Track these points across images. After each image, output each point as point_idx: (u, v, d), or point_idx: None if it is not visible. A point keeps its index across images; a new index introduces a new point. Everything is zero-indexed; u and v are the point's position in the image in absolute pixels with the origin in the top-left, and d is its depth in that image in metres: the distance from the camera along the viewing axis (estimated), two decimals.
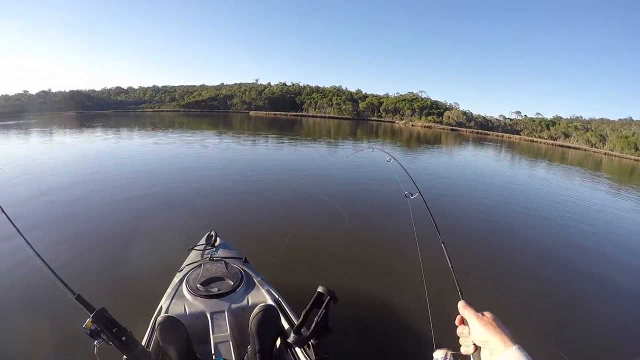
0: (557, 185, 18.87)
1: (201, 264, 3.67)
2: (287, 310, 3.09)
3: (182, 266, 3.86)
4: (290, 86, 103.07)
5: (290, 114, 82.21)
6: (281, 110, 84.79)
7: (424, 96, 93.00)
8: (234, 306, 3.10)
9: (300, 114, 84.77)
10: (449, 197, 12.34)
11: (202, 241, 4.42)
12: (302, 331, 2.36)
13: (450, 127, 74.17)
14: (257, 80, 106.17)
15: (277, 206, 9.53)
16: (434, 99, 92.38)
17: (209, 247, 4.25)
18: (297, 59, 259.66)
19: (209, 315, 2.97)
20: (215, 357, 2.63)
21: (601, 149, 60.98)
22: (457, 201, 12.05)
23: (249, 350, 2.61)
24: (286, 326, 2.91)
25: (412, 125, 75.48)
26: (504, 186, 16.48)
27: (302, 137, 33.51)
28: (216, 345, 2.72)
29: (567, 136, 71.66)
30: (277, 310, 2.84)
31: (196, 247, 4.28)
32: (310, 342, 2.35)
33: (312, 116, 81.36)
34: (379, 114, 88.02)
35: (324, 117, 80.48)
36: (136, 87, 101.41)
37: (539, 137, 73.01)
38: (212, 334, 2.81)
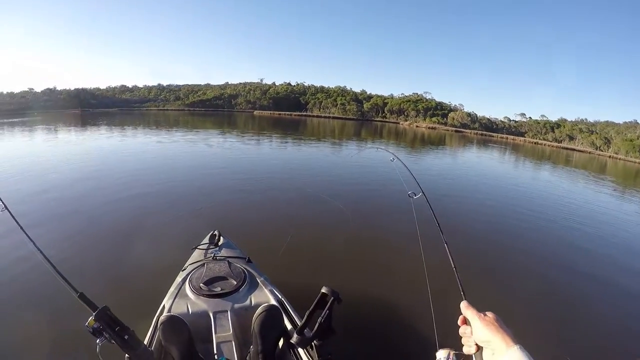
0: (561, 187, 18.80)
1: (204, 263, 3.66)
2: (290, 310, 3.07)
3: (186, 265, 3.86)
4: (294, 86, 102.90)
5: (294, 113, 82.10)
6: (285, 110, 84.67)
7: (428, 97, 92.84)
8: (237, 306, 3.09)
9: (304, 114, 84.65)
10: (453, 198, 12.31)
11: (206, 240, 4.42)
12: (305, 332, 2.34)
13: (454, 129, 73.88)
14: (261, 79, 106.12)
15: (281, 205, 9.51)
16: (438, 100, 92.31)
17: (212, 247, 4.24)
18: (302, 59, 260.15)
19: (211, 314, 2.96)
20: (217, 356, 2.62)
21: (606, 152, 60.62)
22: (461, 202, 12.02)
23: (252, 350, 2.59)
24: (289, 327, 2.89)
25: (417, 126, 75.28)
26: (508, 188, 16.44)
27: (306, 137, 33.53)
28: (219, 345, 2.71)
29: (571, 139, 71.28)
30: (280, 310, 2.83)
31: (199, 246, 4.27)
32: (313, 343, 2.34)
33: (317, 116, 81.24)
34: (384, 114, 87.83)
35: (329, 117, 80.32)
36: (141, 85, 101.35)
37: (544, 139, 72.66)
38: (215, 333, 2.80)
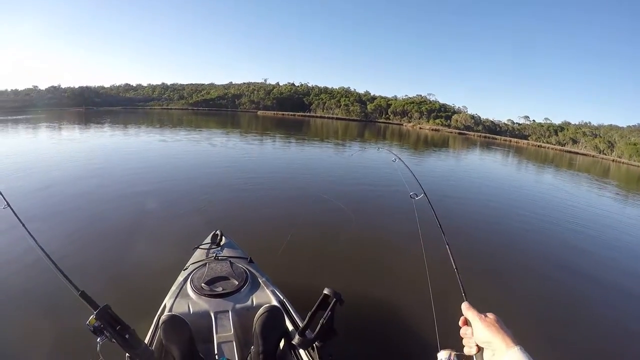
0: (563, 190, 18.71)
1: (206, 263, 3.66)
2: (292, 311, 3.06)
3: (187, 264, 3.85)
4: (298, 86, 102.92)
5: (298, 114, 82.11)
6: (289, 110, 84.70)
7: (432, 99, 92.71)
8: (239, 306, 3.08)
9: (308, 114, 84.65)
10: (455, 199, 12.28)
11: (208, 240, 4.41)
12: (307, 333, 2.34)
13: (458, 131, 73.70)
14: (265, 80, 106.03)
15: (283, 205, 9.51)
16: (442, 102, 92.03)
17: (214, 246, 4.23)
18: (305, 60, 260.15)
19: (212, 314, 2.95)
20: (218, 357, 2.61)
21: (609, 156, 60.38)
22: (463, 203, 12.00)
23: (252, 351, 2.58)
24: (290, 327, 2.88)
25: (420, 128, 75.20)
26: (510, 190, 16.40)
27: (309, 137, 33.55)
28: (219, 345, 2.70)
29: (575, 142, 71.05)
30: (282, 311, 2.82)
31: (201, 246, 4.27)
32: (314, 344, 2.33)
33: (320, 117, 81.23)
34: (387, 116, 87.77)
35: (332, 118, 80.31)
36: (145, 84, 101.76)
37: (547, 142, 72.45)
38: (216, 333, 2.79)
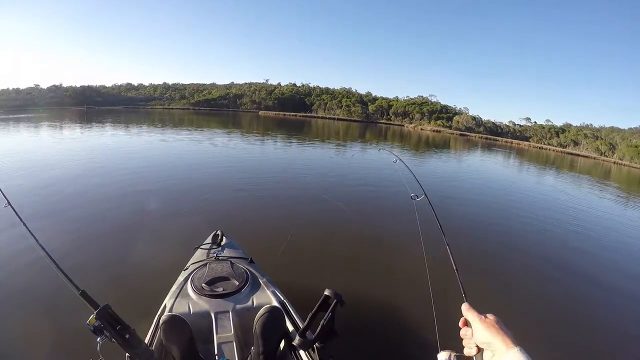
0: (564, 192, 18.70)
1: (207, 263, 3.65)
2: (292, 312, 3.06)
3: (188, 264, 3.85)
4: (300, 87, 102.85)
5: (299, 114, 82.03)
6: (290, 110, 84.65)
7: (433, 100, 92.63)
8: (239, 307, 3.07)
9: (309, 114, 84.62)
10: (456, 200, 12.29)
11: (208, 240, 4.41)
12: (307, 334, 2.33)
13: (459, 132, 73.66)
14: (267, 80, 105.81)
15: (284, 206, 9.50)
16: (443, 103, 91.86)
17: (214, 247, 4.23)
18: (306, 60, 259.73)
19: (213, 315, 2.95)
20: (218, 357, 2.61)
21: (611, 158, 60.30)
22: (464, 204, 12.00)
23: (253, 351, 2.58)
24: (291, 328, 2.88)
25: (421, 129, 75.16)
26: (511, 191, 16.36)
27: (310, 138, 33.53)
28: (219, 345, 2.70)
29: (576, 144, 70.93)
30: (282, 312, 2.82)
31: (202, 246, 4.27)
32: (315, 345, 2.33)
33: (322, 117, 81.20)
34: (389, 117, 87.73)
35: (333, 118, 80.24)
36: (147, 84, 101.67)
37: (548, 144, 72.36)
38: (216, 334, 2.79)
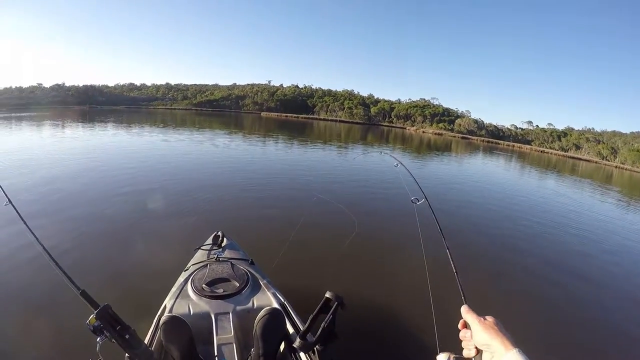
0: (565, 196, 18.70)
1: (207, 264, 3.65)
2: (293, 314, 3.06)
3: (188, 265, 3.85)
4: (302, 88, 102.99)
5: (301, 116, 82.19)
6: (293, 112, 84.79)
7: (436, 103, 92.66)
8: (239, 308, 3.07)
9: (311, 116, 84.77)
10: (456, 203, 12.26)
11: (209, 241, 4.40)
12: (308, 337, 2.32)
13: (461, 135, 73.71)
14: (269, 81, 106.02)
15: (285, 207, 9.48)
16: (445, 106, 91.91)
17: (215, 247, 4.23)
18: (310, 62, 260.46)
19: (213, 316, 2.94)
20: (218, 358, 2.60)
21: (612, 162, 60.30)
22: (464, 207, 12.00)
23: (253, 353, 2.57)
24: (291, 330, 2.87)
25: (423, 131, 75.22)
26: (512, 195, 16.37)
27: (312, 139, 33.55)
28: (219, 346, 2.69)
29: (578, 148, 70.98)
30: (283, 314, 2.81)
31: (202, 247, 4.26)
32: (315, 348, 2.32)
33: (324, 119, 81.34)
34: (390, 119, 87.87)
35: (335, 120, 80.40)
36: (149, 84, 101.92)
37: (550, 148, 72.40)
38: (216, 335, 2.78)
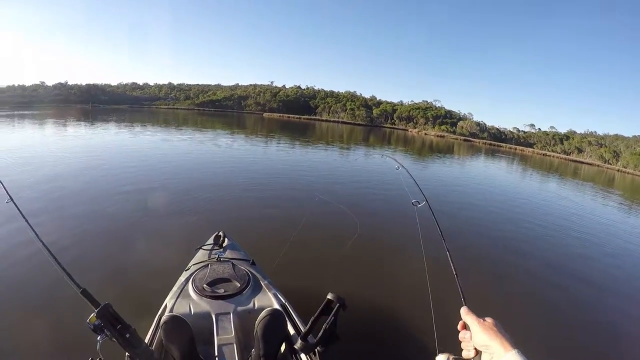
0: (567, 199, 18.68)
1: (208, 264, 3.65)
2: (293, 315, 3.05)
3: (189, 265, 3.85)
4: (305, 89, 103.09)
5: (303, 117, 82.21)
6: (295, 113, 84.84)
7: (438, 105, 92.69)
8: (240, 308, 3.07)
9: (313, 117, 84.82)
10: (457, 206, 12.27)
11: (210, 241, 4.40)
12: (309, 338, 2.32)
13: (463, 138, 73.57)
14: (272, 82, 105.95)
15: (286, 208, 9.50)
16: (448, 108, 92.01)
17: (216, 248, 4.23)
18: (312, 63, 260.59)
19: (214, 316, 2.94)
20: (218, 358, 2.60)
21: (614, 166, 60.20)
22: (465, 209, 12.00)
23: (253, 354, 2.57)
24: (292, 332, 2.87)
25: (425, 134, 75.19)
26: (514, 197, 16.33)
27: (314, 140, 33.56)
28: (220, 347, 2.69)
29: (580, 151, 70.89)
30: (284, 315, 2.81)
31: (204, 247, 4.26)
32: (316, 349, 2.32)
33: (326, 120, 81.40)
34: (393, 121, 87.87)
35: (337, 122, 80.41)
36: (152, 83, 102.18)
37: (552, 151, 72.31)
38: (217, 335, 2.78)
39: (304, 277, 5.66)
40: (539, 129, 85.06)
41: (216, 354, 2.63)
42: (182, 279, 3.50)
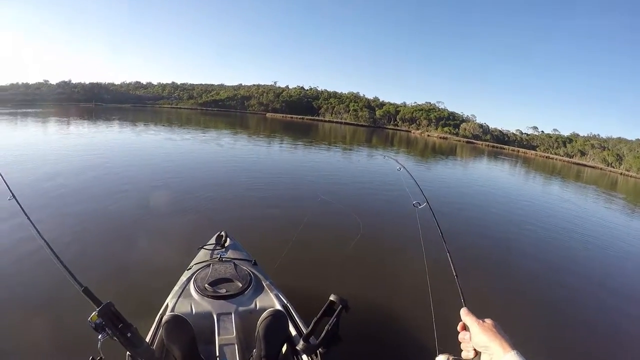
0: (570, 201, 18.65)
1: (210, 264, 3.64)
2: (295, 316, 3.04)
3: (191, 264, 3.84)
4: (308, 90, 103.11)
5: (306, 117, 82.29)
6: (298, 113, 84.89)
7: (441, 107, 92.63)
8: (241, 309, 3.06)
9: (316, 118, 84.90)
10: (458, 207, 12.25)
11: (212, 241, 4.40)
12: (311, 339, 2.32)
13: (466, 139, 73.56)
14: (275, 82, 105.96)
15: (288, 208, 9.49)
16: (451, 110, 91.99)
17: (218, 247, 4.22)
18: (316, 64, 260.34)
19: (215, 316, 2.93)
20: (219, 359, 2.59)
21: (617, 169, 60.11)
22: (467, 211, 12.00)
23: (254, 354, 2.55)
24: (293, 333, 2.86)
25: (428, 135, 75.17)
26: (516, 199, 16.32)
27: (317, 141, 33.56)
28: (221, 347, 2.68)
29: (583, 154, 70.79)
30: (286, 316, 2.80)
31: (206, 247, 4.25)
32: (318, 351, 2.31)
33: (329, 121, 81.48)
34: (396, 122, 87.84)
35: (340, 122, 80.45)
36: (155, 83, 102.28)
37: (555, 153, 72.26)
38: (218, 335, 2.77)
39: (306, 277, 5.64)
40: (542, 131, 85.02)
41: (217, 354, 2.62)
42: (183, 278, 3.50)
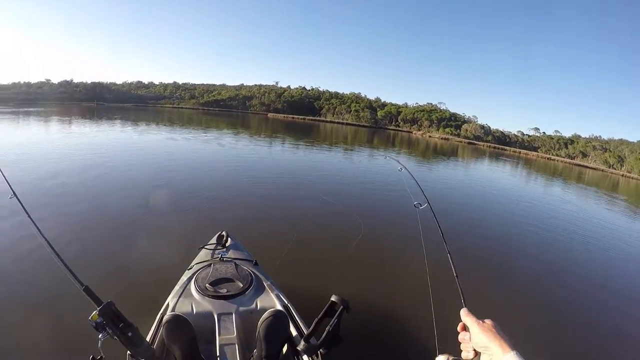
0: (571, 203, 18.64)
1: (211, 264, 3.64)
2: (296, 316, 3.03)
3: (192, 264, 3.84)
4: (309, 90, 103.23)
5: (308, 118, 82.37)
6: (299, 113, 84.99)
7: (442, 108, 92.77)
8: (242, 309, 3.06)
9: (318, 118, 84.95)
10: (459, 208, 12.23)
11: (213, 240, 4.40)
12: (312, 340, 2.31)
13: (467, 141, 73.57)
14: (277, 82, 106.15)
15: (289, 208, 9.50)
16: (452, 111, 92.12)
17: (219, 247, 4.22)
18: (317, 64, 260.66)
19: (216, 316, 2.93)
20: (220, 359, 2.58)
21: (619, 170, 60.02)
22: (467, 212, 11.99)
23: (255, 354, 2.55)
24: (294, 333, 2.85)
25: (429, 136, 75.19)
26: (517, 200, 16.30)
27: (318, 141, 33.57)
28: (222, 347, 2.67)
29: (584, 155, 70.70)
30: (287, 316, 2.80)
31: (207, 246, 4.25)
32: (319, 351, 2.31)
33: (330, 121, 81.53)
34: (397, 123, 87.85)
35: (342, 123, 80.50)
36: (157, 82, 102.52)
37: (557, 155, 72.21)
38: (218, 335, 2.76)
39: (307, 278, 5.63)
40: (544, 132, 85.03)
41: (218, 354, 2.61)
42: (184, 278, 3.49)
